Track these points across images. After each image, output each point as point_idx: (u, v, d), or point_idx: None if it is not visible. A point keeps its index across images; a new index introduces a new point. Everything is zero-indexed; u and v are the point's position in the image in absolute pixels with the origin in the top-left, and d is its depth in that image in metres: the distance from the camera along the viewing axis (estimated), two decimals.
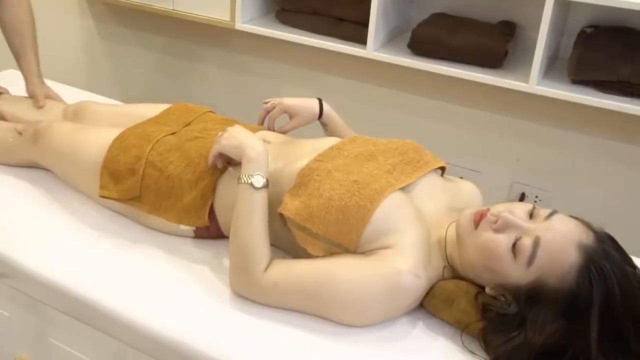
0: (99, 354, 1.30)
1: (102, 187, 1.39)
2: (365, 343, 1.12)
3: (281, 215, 1.21)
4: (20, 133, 1.54)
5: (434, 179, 1.31)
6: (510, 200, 1.41)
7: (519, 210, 1.12)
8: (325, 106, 1.50)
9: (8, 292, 1.35)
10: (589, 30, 1.99)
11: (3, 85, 1.84)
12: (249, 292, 1.19)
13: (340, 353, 1.11)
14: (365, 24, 2.10)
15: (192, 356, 1.12)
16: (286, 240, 1.25)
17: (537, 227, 1.09)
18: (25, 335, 1.40)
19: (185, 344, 1.12)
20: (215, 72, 2.70)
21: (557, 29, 1.99)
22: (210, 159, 1.30)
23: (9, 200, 1.47)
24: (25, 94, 1.78)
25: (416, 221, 1.19)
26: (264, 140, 1.30)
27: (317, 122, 1.52)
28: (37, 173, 1.55)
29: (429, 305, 1.18)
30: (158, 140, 1.39)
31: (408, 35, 2.12)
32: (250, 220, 1.18)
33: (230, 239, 1.21)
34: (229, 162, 1.32)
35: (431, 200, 1.26)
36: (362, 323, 1.15)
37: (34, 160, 1.55)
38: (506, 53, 2.04)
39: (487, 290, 1.14)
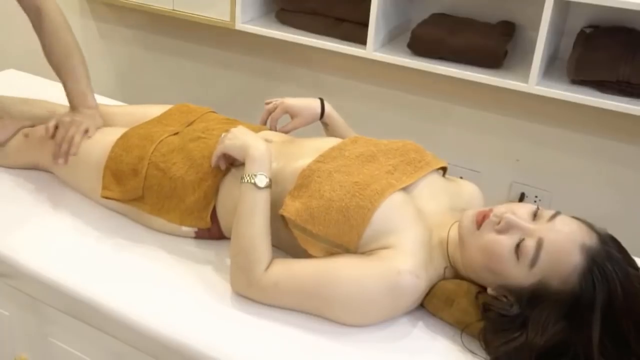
0: (99, 354, 1.30)
1: (104, 187, 1.39)
2: (365, 343, 1.12)
3: (282, 216, 1.21)
4: (26, 135, 1.52)
5: (435, 180, 1.31)
6: (512, 201, 1.41)
7: (522, 211, 1.12)
8: (327, 106, 1.50)
9: (8, 292, 1.35)
10: (588, 30, 1.99)
11: (3, 86, 1.83)
12: (250, 292, 1.19)
13: (340, 353, 1.10)
14: (365, 24, 2.09)
15: (192, 356, 1.11)
16: (287, 241, 1.25)
17: (540, 229, 1.09)
18: (25, 335, 1.40)
19: (185, 344, 1.12)
20: (215, 72, 2.70)
21: (557, 29, 1.99)
22: (214, 159, 1.30)
23: (9, 200, 1.47)
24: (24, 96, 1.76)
25: (417, 221, 1.19)
26: (266, 140, 1.30)
27: (318, 122, 1.52)
28: (37, 173, 1.55)
29: (429, 305, 1.18)
30: (161, 141, 1.39)
31: (408, 35, 2.12)
32: (252, 219, 1.18)
33: (232, 238, 1.21)
34: (231, 163, 1.32)
35: (432, 201, 1.26)
36: (362, 323, 1.15)
37: (36, 162, 1.54)
38: (506, 53, 2.04)
39: (489, 291, 1.14)
